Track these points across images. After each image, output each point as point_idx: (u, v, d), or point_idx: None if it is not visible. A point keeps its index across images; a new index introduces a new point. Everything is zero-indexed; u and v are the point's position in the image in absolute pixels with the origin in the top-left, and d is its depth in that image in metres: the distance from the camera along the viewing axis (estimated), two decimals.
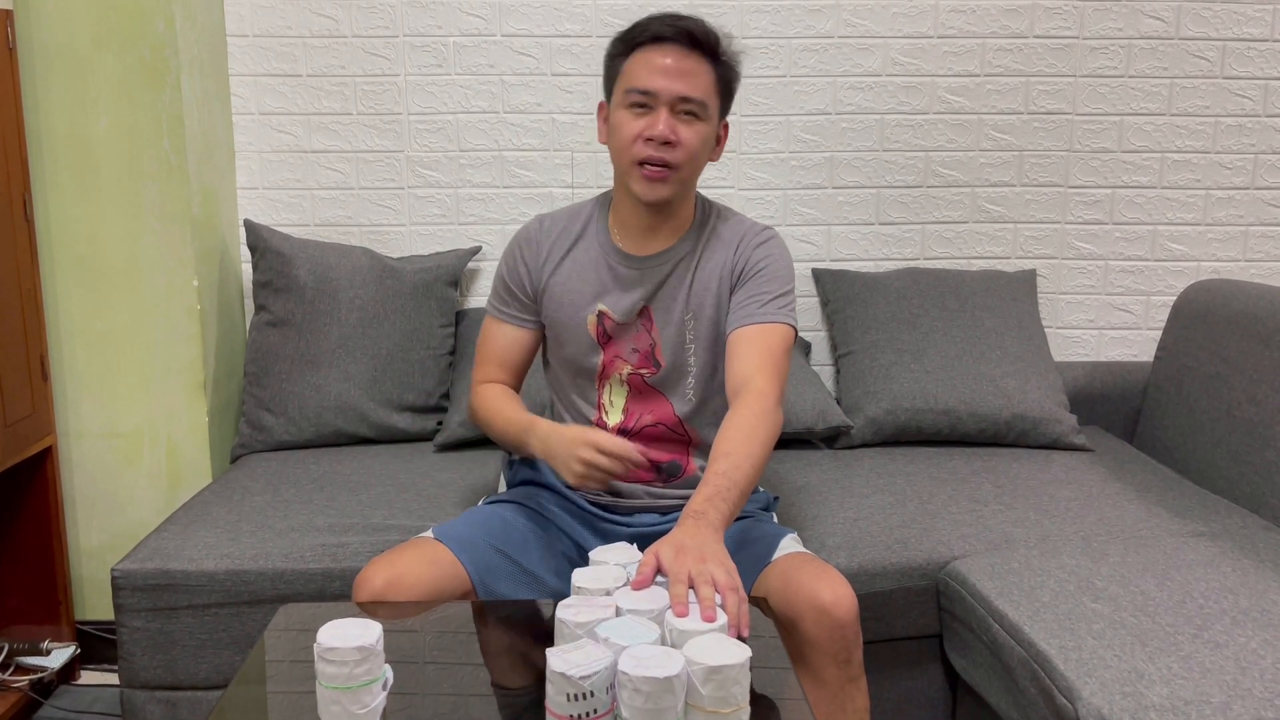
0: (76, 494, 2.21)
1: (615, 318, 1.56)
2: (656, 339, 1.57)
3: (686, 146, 1.47)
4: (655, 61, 1.46)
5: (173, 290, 2.15)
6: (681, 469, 1.60)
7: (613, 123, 1.52)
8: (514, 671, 1.24)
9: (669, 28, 1.47)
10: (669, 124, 1.45)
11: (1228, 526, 1.86)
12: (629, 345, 1.57)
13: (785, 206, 2.49)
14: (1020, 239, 2.53)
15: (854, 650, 1.34)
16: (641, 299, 1.56)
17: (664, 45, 1.47)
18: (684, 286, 1.56)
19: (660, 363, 1.57)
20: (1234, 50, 2.44)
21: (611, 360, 1.57)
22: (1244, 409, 2.04)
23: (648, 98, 1.46)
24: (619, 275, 1.57)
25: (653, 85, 1.45)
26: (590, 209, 1.63)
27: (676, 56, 1.46)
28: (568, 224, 1.62)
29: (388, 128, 2.41)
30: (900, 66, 2.43)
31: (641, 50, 1.48)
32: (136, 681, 1.73)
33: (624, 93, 1.48)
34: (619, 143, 1.50)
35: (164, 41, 2.07)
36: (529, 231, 1.63)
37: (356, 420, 2.23)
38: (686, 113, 1.47)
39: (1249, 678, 1.33)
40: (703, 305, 1.56)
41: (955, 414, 2.23)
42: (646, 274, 1.56)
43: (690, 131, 1.47)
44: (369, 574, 1.38)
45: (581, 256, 1.59)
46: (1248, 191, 2.51)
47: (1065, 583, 1.60)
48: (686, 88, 1.46)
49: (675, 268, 1.57)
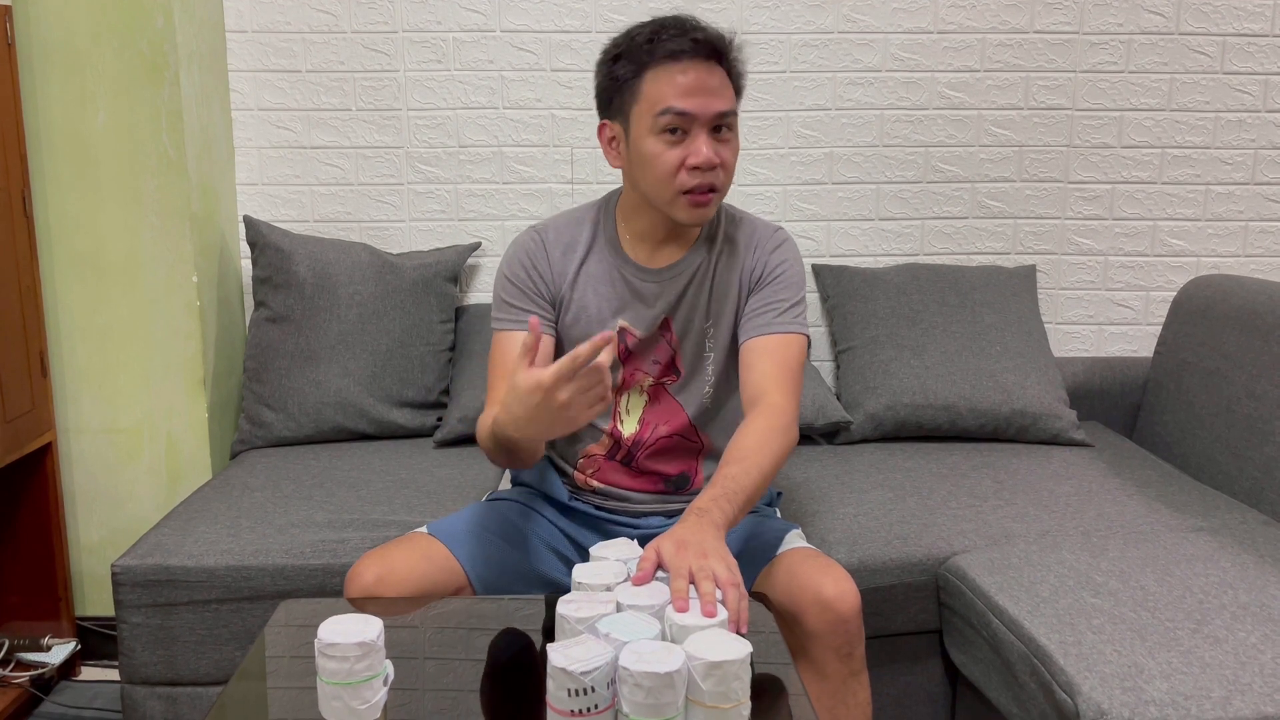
0: (76, 490, 2.21)
1: (638, 334, 1.52)
2: (677, 348, 1.54)
3: (727, 165, 1.42)
4: (679, 81, 1.38)
5: (172, 286, 2.15)
6: (690, 481, 1.59)
7: (641, 151, 1.41)
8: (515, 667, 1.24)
9: (686, 42, 1.38)
10: (710, 147, 1.39)
11: (1227, 521, 1.86)
12: (650, 358, 1.54)
13: (785, 202, 2.48)
14: (1020, 234, 2.53)
15: (856, 645, 1.34)
16: (662, 312, 1.52)
17: (683, 61, 1.38)
18: (703, 295, 1.53)
19: (681, 371, 1.55)
20: (1234, 45, 2.44)
21: (632, 374, 1.54)
22: (1244, 404, 2.04)
23: (682, 120, 1.38)
24: (637, 289, 1.52)
25: (688, 107, 1.37)
26: (593, 218, 1.55)
27: (699, 72, 1.38)
28: (570, 235, 1.54)
29: (387, 123, 2.41)
30: (900, 62, 2.43)
31: (659, 69, 1.38)
32: (137, 677, 1.73)
33: (653, 117, 1.39)
34: (657, 173, 1.41)
35: (163, 37, 2.07)
36: (531, 241, 1.53)
37: (356, 416, 2.23)
38: (721, 128, 1.41)
39: (1249, 672, 1.33)
40: (722, 313, 1.54)
41: (955, 409, 2.23)
42: (665, 286, 1.52)
43: (728, 149, 1.42)
44: (360, 569, 1.37)
45: (595, 270, 1.52)
46: (1248, 187, 2.51)
47: (1065, 578, 1.60)
48: (720, 103, 1.39)
49: (693, 278, 1.53)
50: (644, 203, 1.47)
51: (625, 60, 1.41)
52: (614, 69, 1.43)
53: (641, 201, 1.48)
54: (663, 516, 1.58)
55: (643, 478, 1.57)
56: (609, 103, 1.46)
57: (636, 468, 1.57)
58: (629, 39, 1.42)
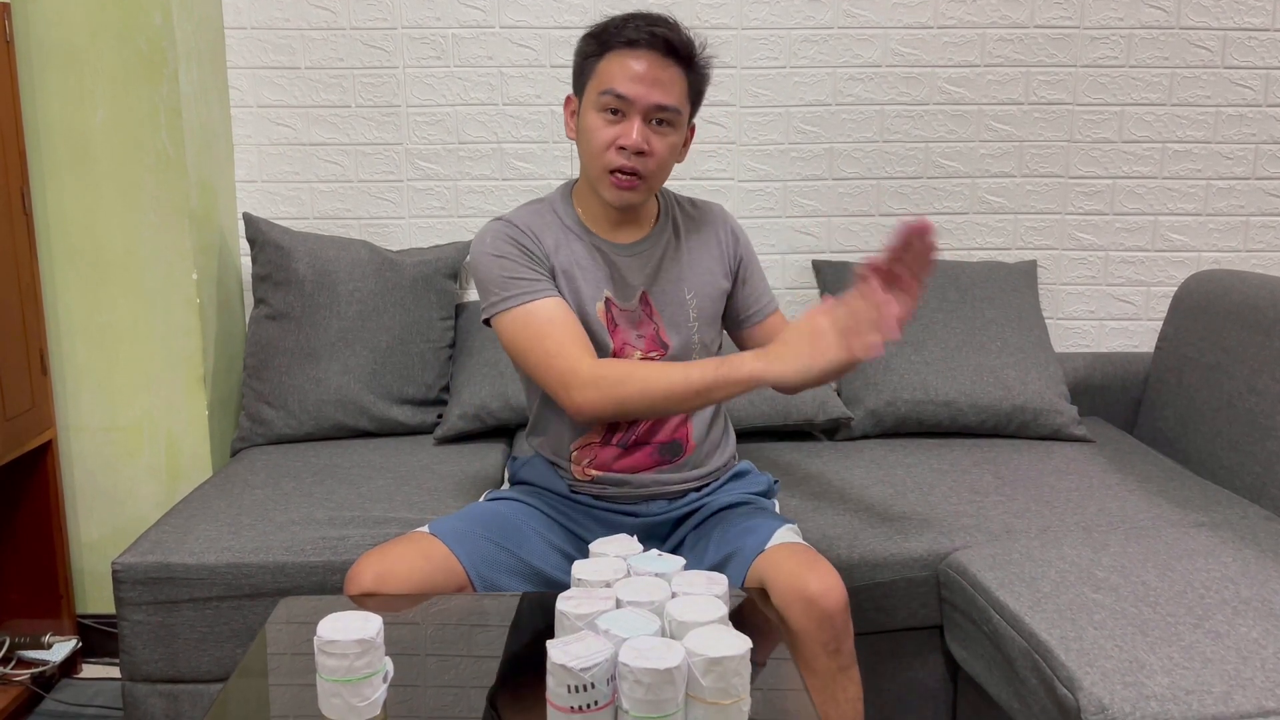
0: (77, 488, 2.21)
1: (620, 305, 1.56)
2: (659, 322, 1.57)
3: (657, 156, 1.48)
4: (630, 67, 1.45)
5: (172, 284, 2.15)
6: (683, 448, 1.60)
7: (584, 124, 1.50)
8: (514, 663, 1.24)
9: (645, 33, 1.44)
10: (642, 133, 1.45)
11: (1228, 517, 1.86)
12: (634, 331, 1.57)
13: (785, 198, 2.48)
14: (1021, 230, 2.52)
15: (844, 640, 1.35)
16: (640, 284, 1.57)
17: (639, 50, 1.45)
18: (679, 268, 1.59)
19: (667, 343, 1.58)
20: (1235, 40, 2.43)
21: (622, 347, 1.56)
22: (1245, 399, 2.04)
23: (621, 103, 1.45)
24: (614, 263, 1.56)
25: (627, 91, 1.44)
26: (552, 204, 1.59)
27: (651, 63, 1.45)
28: (539, 219, 1.56)
29: (386, 120, 2.41)
30: (900, 57, 2.43)
31: (616, 53, 1.46)
32: (138, 675, 1.73)
33: (597, 94, 1.47)
34: (590, 147, 1.49)
35: (161, 34, 2.06)
36: (505, 230, 1.52)
37: (356, 413, 2.23)
38: (659, 121, 1.47)
39: (1250, 667, 1.33)
40: (703, 285, 1.60)
41: (956, 405, 2.23)
42: (639, 259, 1.57)
43: (662, 141, 1.48)
44: (360, 568, 1.38)
45: (573, 248, 1.56)
46: (1248, 182, 2.51)
47: (1066, 573, 1.60)
48: (661, 96, 1.45)
49: (665, 251, 1.59)
50: (590, 184, 1.54)
51: (593, 40, 1.51)
52: (584, 46, 1.52)
53: (588, 183, 1.54)
54: (665, 500, 1.59)
55: (637, 452, 1.57)
56: (576, 77, 1.55)
57: (631, 444, 1.57)
58: (606, 22, 1.50)
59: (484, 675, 1.19)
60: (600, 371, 1.41)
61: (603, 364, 1.43)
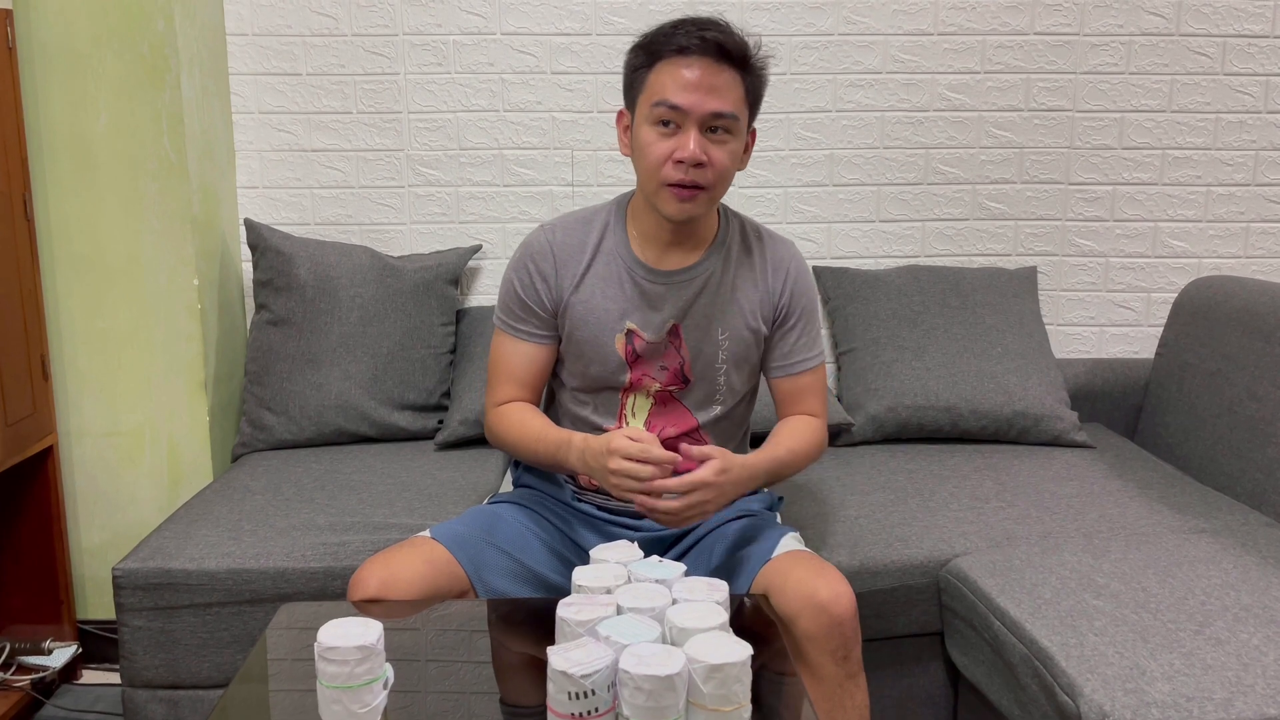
0: (77, 493, 2.21)
1: (646, 337, 1.52)
2: (685, 357, 1.54)
3: (717, 166, 1.42)
4: (682, 75, 1.38)
5: (173, 289, 2.15)
6: None
7: (638, 139, 1.44)
8: (515, 670, 1.24)
9: (696, 39, 1.38)
10: (699, 144, 1.39)
11: (1229, 523, 1.86)
12: (657, 364, 1.53)
13: (786, 204, 2.48)
14: (1021, 236, 2.53)
15: (852, 647, 1.34)
16: (671, 317, 1.52)
17: (690, 57, 1.38)
18: (716, 306, 1.53)
19: (689, 379, 1.55)
20: (1234, 46, 2.44)
21: (640, 378, 1.54)
22: (1245, 405, 2.04)
23: (675, 114, 1.39)
24: (645, 291, 1.51)
25: (681, 101, 1.38)
26: (604, 217, 1.56)
27: (704, 70, 1.38)
28: (581, 234, 1.54)
29: (388, 126, 2.41)
30: (901, 64, 2.43)
31: (666, 62, 1.40)
32: (138, 680, 1.73)
33: (650, 106, 1.41)
34: (646, 163, 1.43)
35: (163, 40, 2.07)
36: (538, 244, 1.54)
37: (357, 419, 2.23)
38: (717, 129, 1.41)
39: (1251, 674, 1.32)
40: (739, 328, 1.55)
41: (956, 411, 2.23)
42: (674, 290, 1.52)
43: (721, 150, 1.42)
44: (363, 574, 1.38)
45: (603, 270, 1.52)
46: (1248, 188, 2.51)
47: (1067, 580, 1.60)
48: (717, 103, 1.39)
49: (705, 286, 1.53)
50: (647, 200, 1.49)
51: (642, 51, 1.44)
52: (633, 59, 1.46)
53: (646, 199, 1.49)
54: None
55: None
56: (627, 91, 1.49)
57: None
58: (654, 31, 1.44)
59: (484, 681, 1.19)
60: (499, 419, 1.57)
61: (505, 411, 1.56)
